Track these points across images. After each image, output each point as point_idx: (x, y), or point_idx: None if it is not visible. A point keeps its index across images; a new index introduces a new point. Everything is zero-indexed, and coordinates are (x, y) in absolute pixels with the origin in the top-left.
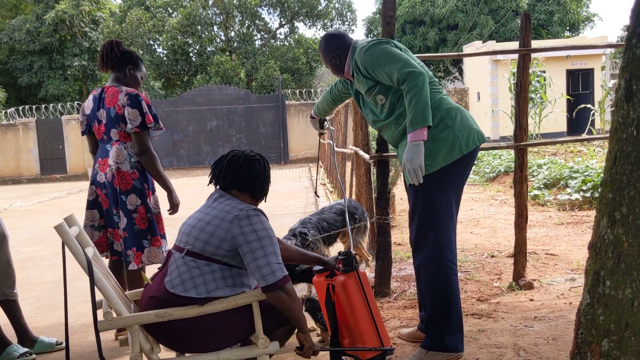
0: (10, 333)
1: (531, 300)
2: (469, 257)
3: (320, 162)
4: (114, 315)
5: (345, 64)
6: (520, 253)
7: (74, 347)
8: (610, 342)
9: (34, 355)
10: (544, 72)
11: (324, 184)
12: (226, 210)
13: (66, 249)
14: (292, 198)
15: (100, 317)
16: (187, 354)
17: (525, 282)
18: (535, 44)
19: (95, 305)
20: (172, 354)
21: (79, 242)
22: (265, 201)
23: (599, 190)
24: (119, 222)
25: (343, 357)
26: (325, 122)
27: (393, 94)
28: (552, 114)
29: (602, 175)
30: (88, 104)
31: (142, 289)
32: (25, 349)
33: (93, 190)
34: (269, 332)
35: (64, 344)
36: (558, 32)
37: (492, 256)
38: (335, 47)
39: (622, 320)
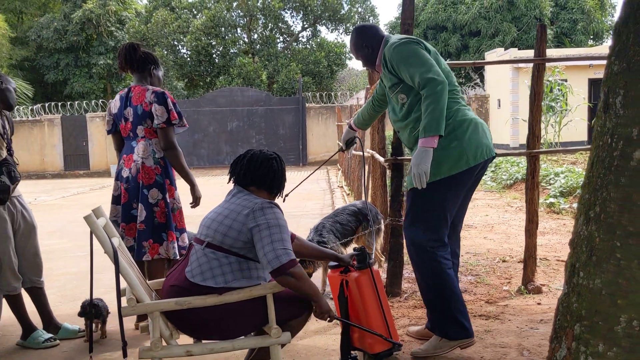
0: (36, 319)
1: (538, 304)
2: (480, 262)
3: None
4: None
5: (377, 56)
6: (530, 258)
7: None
8: (582, 327)
9: (57, 341)
10: (565, 80)
11: (341, 187)
12: (243, 205)
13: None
14: (309, 200)
15: (123, 303)
16: (204, 341)
17: (534, 286)
18: (557, 52)
19: (119, 292)
20: (190, 340)
21: (105, 232)
22: (283, 200)
23: (580, 192)
24: (136, 216)
25: (352, 352)
26: (355, 140)
27: (414, 95)
28: (572, 123)
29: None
30: (115, 104)
31: (162, 279)
32: (50, 335)
33: (118, 186)
34: (282, 323)
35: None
36: (581, 41)
37: (504, 261)
38: (369, 37)
39: (593, 307)
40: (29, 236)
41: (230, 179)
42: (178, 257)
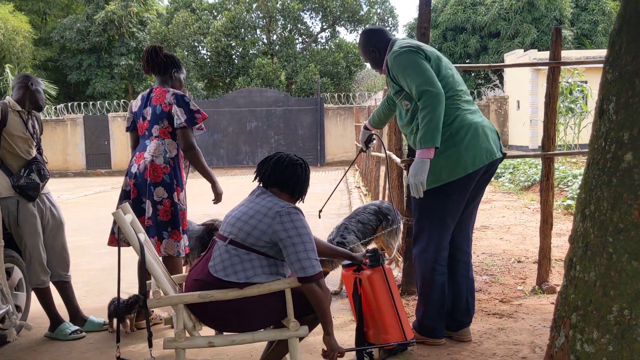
0: (63, 312)
1: (552, 303)
2: (495, 262)
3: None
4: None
5: (383, 60)
6: (544, 258)
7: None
8: (578, 316)
9: (84, 333)
10: (586, 82)
11: (359, 187)
12: (268, 207)
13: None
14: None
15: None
16: (225, 333)
17: (548, 286)
18: (577, 53)
19: (144, 285)
20: (212, 332)
21: (133, 228)
22: (302, 202)
23: (578, 191)
24: (145, 211)
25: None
26: (373, 137)
27: (415, 103)
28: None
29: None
30: (136, 102)
31: (184, 274)
32: (76, 327)
33: (127, 182)
34: (299, 317)
35: None
36: (602, 43)
37: (519, 261)
38: (375, 41)
39: (587, 297)
40: (57, 232)
41: (255, 178)
42: (182, 256)
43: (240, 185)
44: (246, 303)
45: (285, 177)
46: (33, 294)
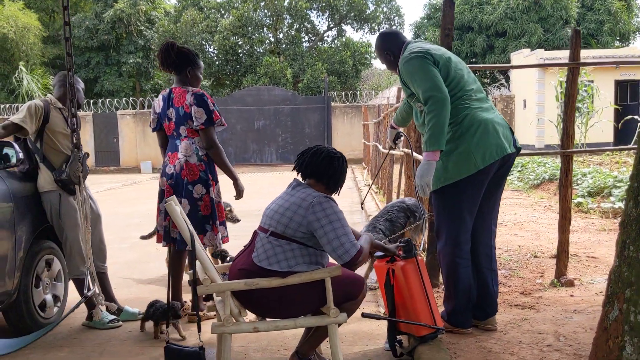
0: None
1: (571, 296)
2: (512, 257)
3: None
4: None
5: (398, 62)
6: (562, 252)
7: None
8: (632, 291)
9: (120, 322)
10: (592, 81)
11: (368, 185)
12: (302, 198)
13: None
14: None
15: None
16: (268, 319)
17: (566, 279)
18: (584, 53)
19: (195, 272)
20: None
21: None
22: (338, 194)
23: (629, 182)
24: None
25: (397, 337)
26: (400, 134)
27: None
28: (599, 124)
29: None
30: (158, 103)
31: (226, 264)
32: (113, 316)
33: (163, 182)
34: (338, 305)
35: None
36: (608, 42)
37: (535, 256)
38: (390, 45)
39: None
40: (95, 225)
41: (294, 169)
42: (222, 248)
43: (249, 183)
44: (288, 291)
45: (321, 169)
46: (71, 284)
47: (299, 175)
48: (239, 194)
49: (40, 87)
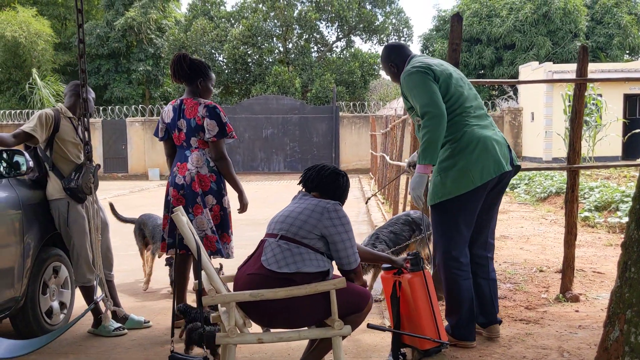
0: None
1: (576, 311)
2: (518, 271)
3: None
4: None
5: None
6: (568, 268)
7: (157, 326)
8: (632, 312)
9: (126, 330)
10: (600, 95)
11: (376, 195)
12: (314, 204)
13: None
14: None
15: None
16: (272, 330)
17: (571, 295)
18: (592, 66)
19: (200, 282)
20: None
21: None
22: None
23: (631, 203)
24: (192, 220)
25: (401, 349)
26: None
27: None
28: (606, 138)
29: None
30: (168, 114)
31: (232, 274)
32: (118, 324)
33: (171, 192)
34: (342, 317)
35: (150, 323)
36: (617, 56)
37: (541, 271)
38: (394, 57)
39: None
40: (102, 232)
41: (299, 182)
42: (232, 257)
43: (255, 192)
44: (293, 302)
45: (326, 184)
46: (78, 291)
47: (304, 189)
48: (243, 207)
49: (53, 94)
